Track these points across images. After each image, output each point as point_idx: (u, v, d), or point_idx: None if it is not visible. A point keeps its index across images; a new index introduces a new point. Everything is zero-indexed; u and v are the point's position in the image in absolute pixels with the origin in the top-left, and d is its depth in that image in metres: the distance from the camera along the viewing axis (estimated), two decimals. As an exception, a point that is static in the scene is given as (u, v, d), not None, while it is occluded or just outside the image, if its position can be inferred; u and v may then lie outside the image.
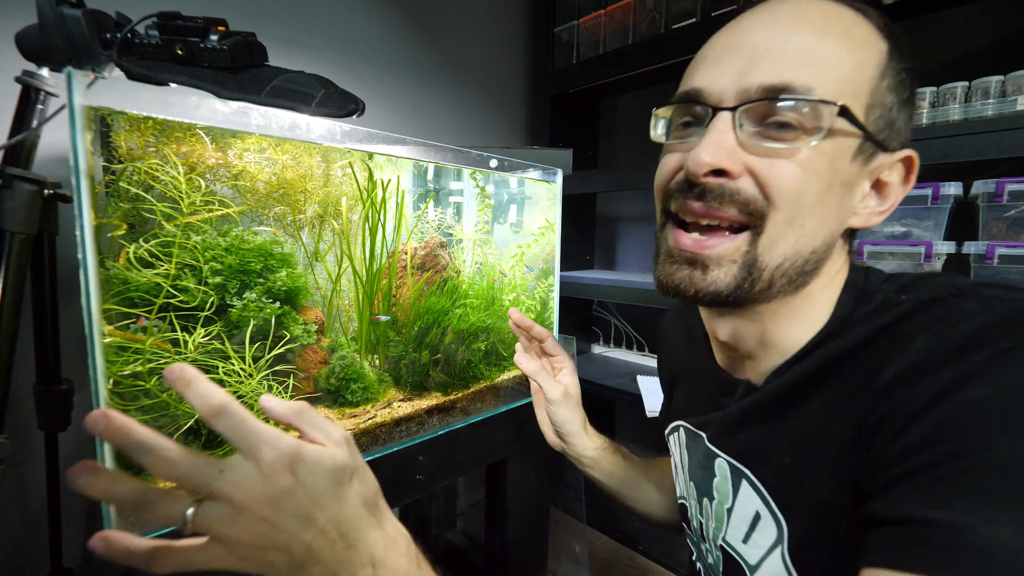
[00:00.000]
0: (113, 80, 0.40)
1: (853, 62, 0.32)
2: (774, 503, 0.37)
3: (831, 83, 0.32)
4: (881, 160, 0.35)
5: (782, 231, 0.33)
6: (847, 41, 0.33)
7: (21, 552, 0.80)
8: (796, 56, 0.32)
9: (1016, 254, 0.75)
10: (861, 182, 0.35)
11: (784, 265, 0.34)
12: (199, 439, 0.50)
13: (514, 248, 0.86)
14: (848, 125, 0.32)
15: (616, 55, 1.34)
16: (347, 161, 0.63)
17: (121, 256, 0.45)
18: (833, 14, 0.33)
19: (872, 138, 0.33)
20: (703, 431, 0.45)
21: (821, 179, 0.33)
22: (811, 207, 0.33)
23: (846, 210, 0.35)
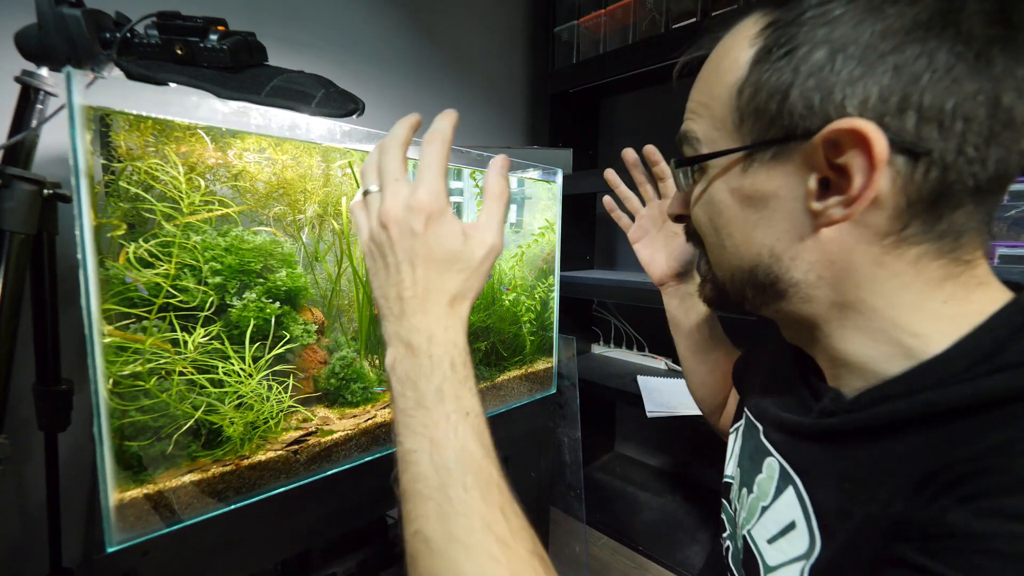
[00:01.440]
0: (113, 80, 0.40)
1: (714, 92, 0.35)
2: (816, 521, 0.35)
3: (698, 120, 0.37)
4: (804, 149, 0.31)
5: (715, 255, 0.39)
6: (711, 79, 0.36)
7: (21, 552, 0.80)
8: (689, 106, 0.38)
9: (1016, 254, 0.75)
10: (789, 183, 0.32)
11: (735, 279, 0.38)
12: (199, 439, 0.50)
13: (514, 248, 0.86)
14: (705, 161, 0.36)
15: (616, 55, 1.34)
16: (347, 161, 0.62)
17: (121, 256, 0.45)
18: (715, 56, 0.36)
19: (759, 144, 0.33)
20: (760, 423, 0.44)
21: (716, 207, 0.37)
22: (721, 231, 0.37)
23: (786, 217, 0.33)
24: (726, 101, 0.34)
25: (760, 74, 0.32)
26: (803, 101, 0.30)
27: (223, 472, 0.50)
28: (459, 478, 0.31)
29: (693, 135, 0.37)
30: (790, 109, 0.31)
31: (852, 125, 0.28)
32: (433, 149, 0.38)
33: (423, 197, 0.36)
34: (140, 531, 0.44)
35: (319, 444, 0.57)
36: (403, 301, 0.36)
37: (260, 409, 0.53)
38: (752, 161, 0.34)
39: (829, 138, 0.29)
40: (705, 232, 0.39)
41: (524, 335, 0.86)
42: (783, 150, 0.32)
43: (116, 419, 0.43)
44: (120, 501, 0.43)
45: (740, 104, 0.33)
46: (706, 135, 0.36)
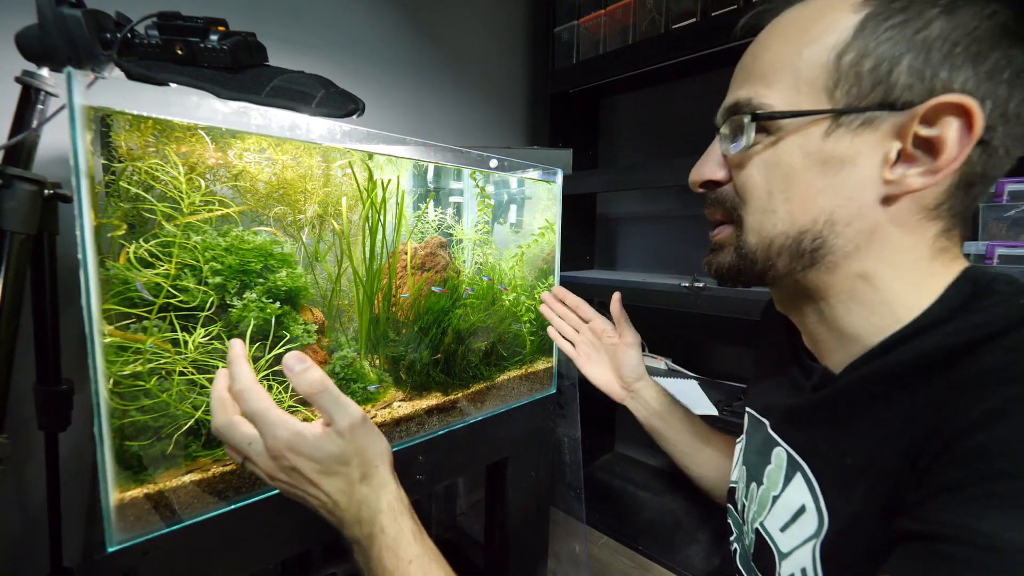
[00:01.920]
0: (113, 80, 0.40)
1: (798, 57, 0.35)
2: (823, 500, 0.37)
3: (772, 87, 0.36)
4: (895, 119, 0.33)
5: (757, 219, 0.38)
6: (799, 39, 0.35)
7: (21, 552, 0.80)
8: (748, 74, 0.38)
9: (1016, 254, 0.75)
10: (870, 150, 0.33)
11: (773, 245, 0.38)
12: (199, 439, 0.50)
13: (514, 248, 0.86)
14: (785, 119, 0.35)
15: (616, 55, 1.34)
16: (347, 161, 0.63)
17: (121, 256, 0.45)
18: (803, 16, 0.36)
19: (848, 111, 0.33)
20: (767, 418, 0.46)
21: (778, 169, 0.36)
22: (778, 194, 0.36)
23: (850, 183, 0.34)
24: (821, 63, 0.34)
25: (868, 40, 0.33)
26: (911, 73, 0.32)
27: (223, 472, 0.50)
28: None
29: (760, 100, 0.36)
30: (895, 79, 0.32)
31: (960, 100, 0.31)
32: (248, 403, 0.38)
33: (272, 444, 0.38)
34: (140, 531, 0.44)
35: (319, 444, 0.57)
36: (333, 513, 0.40)
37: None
38: (838, 126, 0.34)
39: (933, 110, 0.31)
40: (755, 195, 0.37)
41: (524, 335, 0.86)
42: (874, 117, 0.33)
43: (116, 419, 0.43)
44: (120, 501, 0.43)
45: (840, 66, 0.33)
46: (784, 96, 0.35)
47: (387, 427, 0.63)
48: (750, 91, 0.37)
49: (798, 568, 0.38)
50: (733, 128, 0.38)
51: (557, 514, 1.14)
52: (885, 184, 0.34)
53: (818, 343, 0.41)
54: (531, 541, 0.87)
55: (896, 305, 0.35)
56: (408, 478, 0.65)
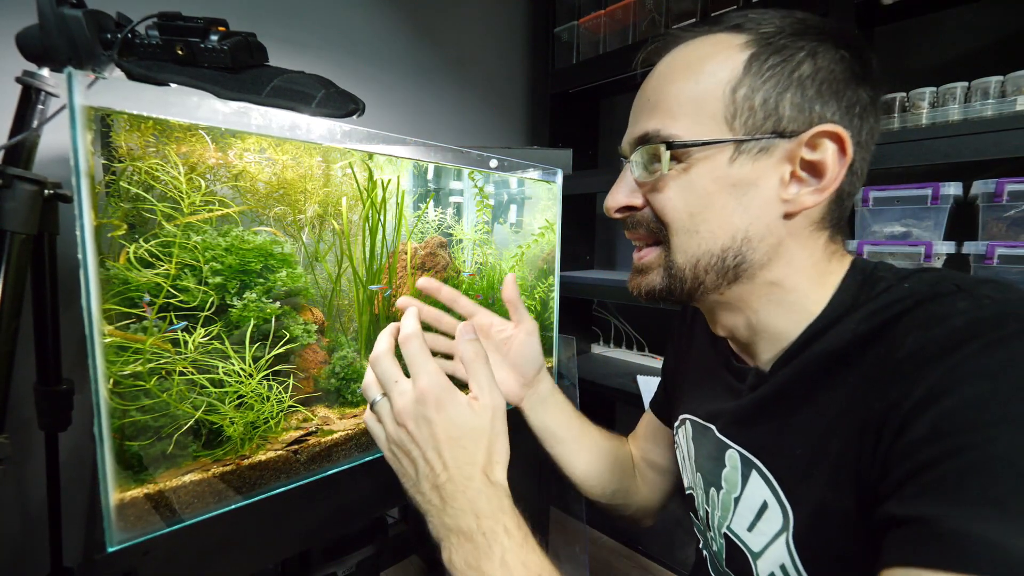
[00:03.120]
0: (113, 80, 0.40)
1: (697, 91, 0.38)
2: (782, 493, 0.39)
3: (677, 119, 0.39)
4: (786, 146, 0.37)
5: (682, 239, 0.40)
6: (694, 74, 0.39)
7: (21, 552, 0.80)
8: (653, 106, 0.41)
9: (1016, 254, 0.75)
10: (768, 173, 0.38)
11: (700, 264, 0.40)
12: (200, 439, 0.50)
13: (514, 248, 0.86)
14: (691, 147, 0.38)
15: (616, 55, 1.34)
16: (347, 161, 0.63)
17: (121, 256, 0.45)
18: (695, 53, 0.40)
19: (747, 139, 0.37)
20: (712, 423, 0.47)
21: (694, 193, 0.39)
22: (698, 215, 0.39)
23: (757, 203, 0.38)
24: (719, 97, 0.38)
25: (757, 76, 0.37)
26: (794, 107, 0.37)
27: (223, 472, 0.50)
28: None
29: (668, 131, 0.39)
30: (782, 112, 0.37)
31: (835, 129, 0.37)
32: (412, 346, 0.40)
33: (425, 385, 0.38)
34: (140, 531, 0.44)
35: (319, 444, 0.57)
36: (440, 489, 0.37)
37: (260, 409, 0.53)
38: (740, 153, 0.38)
39: (815, 136, 0.37)
40: (675, 218, 0.40)
41: (524, 335, 0.86)
42: (769, 144, 0.38)
43: (116, 419, 0.43)
44: (120, 501, 0.43)
45: (735, 100, 0.37)
46: (689, 128, 0.39)
47: (387, 427, 0.63)
48: (658, 123, 0.40)
49: (776, 566, 0.39)
50: (645, 157, 0.41)
51: (557, 514, 1.14)
52: (783, 203, 0.38)
53: (748, 346, 0.44)
54: (531, 541, 0.87)
55: (807, 302, 0.40)
56: (408, 478, 0.65)
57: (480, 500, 0.36)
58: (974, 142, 0.75)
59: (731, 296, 0.41)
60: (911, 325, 0.33)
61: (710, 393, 0.50)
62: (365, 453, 0.60)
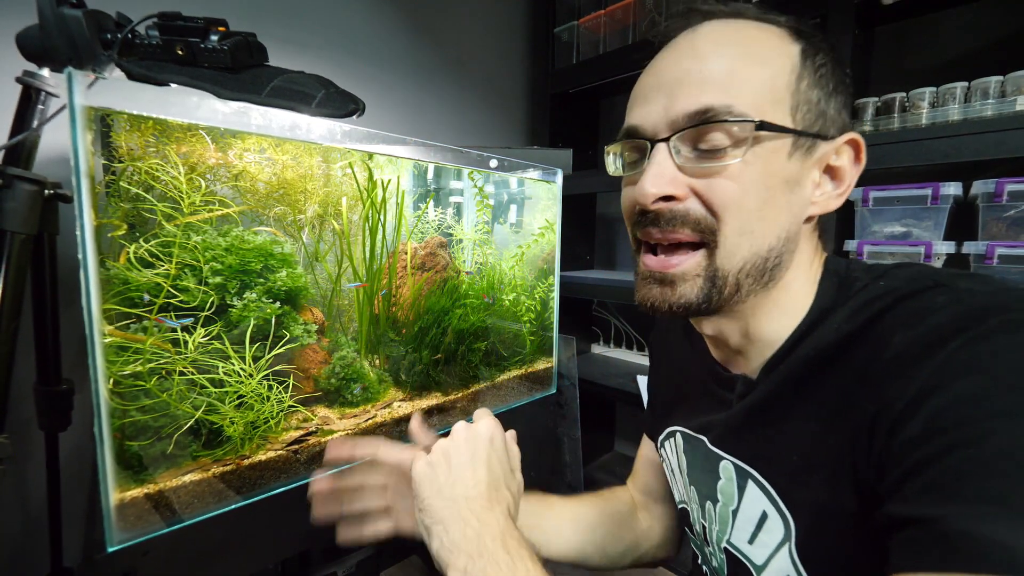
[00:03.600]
0: (113, 80, 0.40)
1: (767, 73, 0.35)
2: (781, 501, 0.38)
3: (747, 97, 0.34)
4: (824, 148, 0.37)
5: (736, 241, 0.36)
6: (758, 55, 0.36)
7: (21, 552, 0.80)
8: (712, 80, 0.35)
9: (1016, 254, 0.75)
10: (808, 174, 0.37)
11: (746, 268, 0.37)
12: (200, 439, 0.50)
13: (514, 248, 0.86)
14: (771, 132, 0.35)
15: (616, 55, 1.34)
16: (347, 161, 0.63)
17: (121, 256, 0.45)
18: (742, 33, 0.37)
19: (805, 133, 0.36)
20: (703, 435, 0.45)
21: (759, 185, 0.35)
22: (756, 212, 0.35)
23: (798, 202, 0.37)
24: (785, 83, 0.35)
25: (812, 72, 0.36)
26: (835, 109, 0.37)
27: (223, 472, 0.50)
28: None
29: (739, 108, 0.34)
30: (828, 112, 0.36)
31: (857, 137, 0.37)
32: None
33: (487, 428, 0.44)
34: (140, 531, 0.44)
35: (319, 444, 0.57)
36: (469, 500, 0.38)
37: (260, 409, 0.53)
38: (796, 147, 0.36)
39: (847, 143, 0.37)
40: (735, 213, 0.35)
41: (524, 335, 0.86)
42: (814, 144, 0.36)
43: (116, 419, 0.43)
44: (120, 501, 0.43)
45: (799, 90, 0.35)
46: (758, 109, 0.34)
47: (387, 427, 0.63)
48: (726, 97, 0.34)
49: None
50: (706, 137, 0.35)
51: (557, 514, 1.14)
52: (812, 205, 0.38)
53: (737, 354, 0.42)
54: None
55: (798, 305, 0.39)
56: (408, 478, 0.65)
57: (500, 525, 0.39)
58: (974, 142, 0.75)
59: (747, 304, 0.38)
60: (895, 323, 0.32)
61: (697, 404, 0.48)
62: (365, 453, 0.60)
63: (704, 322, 0.43)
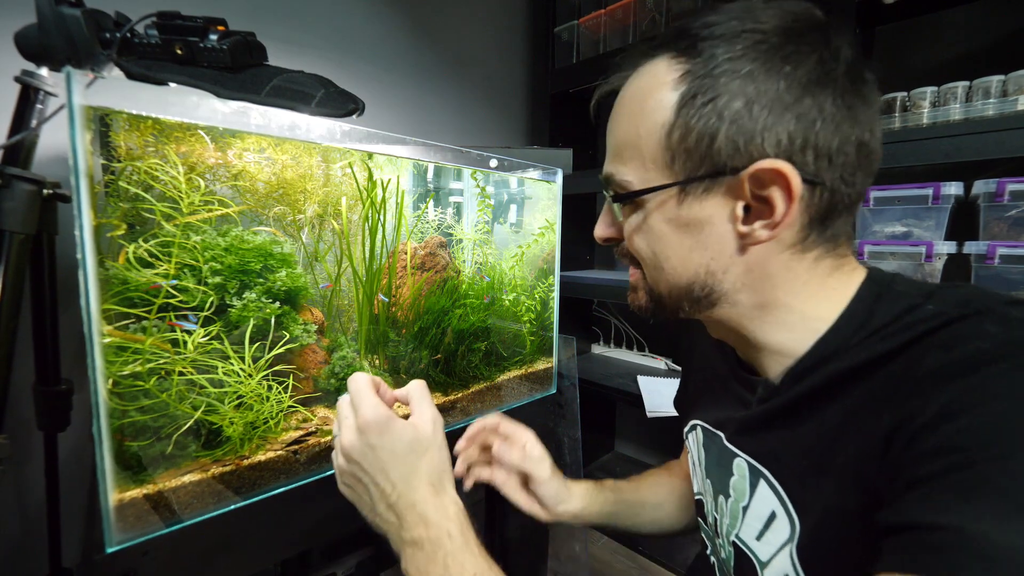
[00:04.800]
0: (112, 80, 0.40)
1: (642, 132, 0.38)
2: (790, 503, 0.38)
3: (628, 163, 0.39)
4: (729, 183, 0.36)
5: (652, 275, 0.41)
6: (636, 118, 0.38)
7: (20, 552, 0.80)
8: (610, 149, 0.41)
9: (1017, 254, 0.75)
10: (719, 211, 0.37)
11: (672, 294, 0.41)
12: (199, 439, 0.50)
13: (514, 248, 0.86)
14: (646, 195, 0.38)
15: (616, 55, 1.34)
16: (347, 161, 0.62)
17: (121, 256, 0.45)
18: (635, 90, 0.39)
19: (690, 180, 0.37)
20: (721, 431, 0.46)
21: (653, 234, 0.40)
22: (659, 257, 0.40)
23: (715, 240, 0.38)
24: (656, 141, 0.37)
25: (687, 118, 0.36)
26: (729, 144, 0.35)
27: (223, 472, 0.50)
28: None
29: (620, 177, 0.40)
30: (718, 150, 0.35)
31: (774, 166, 0.34)
32: (355, 383, 0.43)
33: (365, 415, 0.40)
34: (140, 531, 0.44)
35: (319, 444, 0.57)
36: (394, 508, 0.40)
37: (260, 409, 0.53)
38: (686, 195, 0.37)
39: (754, 175, 0.35)
40: (644, 257, 0.41)
41: (524, 335, 0.85)
42: (713, 184, 0.36)
43: (116, 419, 0.43)
44: (120, 501, 0.43)
45: (671, 144, 0.37)
46: (637, 173, 0.39)
47: (387, 427, 0.63)
48: (612, 168, 0.40)
49: (780, 575, 0.39)
50: (609, 198, 0.42)
51: (557, 514, 1.14)
52: (740, 237, 0.37)
53: (753, 360, 0.44)
54: (531, 541, 0.87)
55: (809, 319, 0.39)
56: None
57: (428, 510, 0.39)
58: (975, 142, 0.75)
59: (719, 316, 0.41)
60: (932, 345, 0.32)
61: (719, 400, 0.49)
62: (365, 453, 0.60)
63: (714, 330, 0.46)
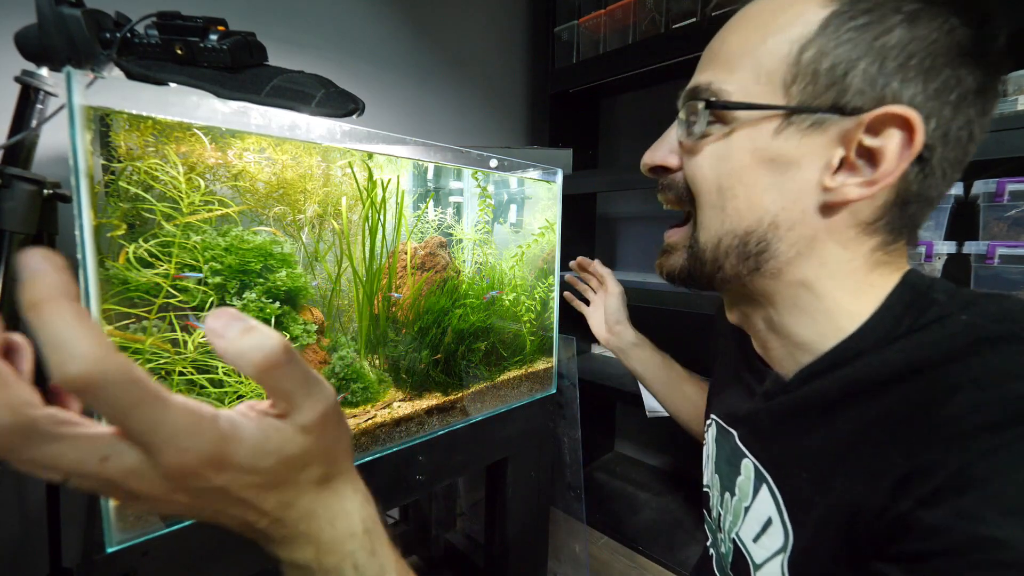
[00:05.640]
0: (113, 80, 0.40)
1: (765, 45, 0.33)
2: (787, 514, 0.37)
3: (735, 73, 0.34)
4: (844, 125, 0.32)
5: (708, 214, 0.37)
6: (765, 27, 0.34)
7: (20, 552, 0.80)
8: (713, 57, 0.36)
9: (1017, 254, 0.75)
10: (816, 153, 0.33)
11: (721, 245, 0.36)
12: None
13: (514, 248, 0.86)
14: (747, 111, 0.34)
15: (616, 55, 1.34)
16: (347, 161, 0.62)
17: (121, 256, 0.45)
18: (772, 4, 0.35)
19: (800, 109, 0.32)
20: (734, 429, 0.46)
21: (729, 163, 0.35)
22: (728, 190, 0.35)
23: (793, 186, 0.34)
24: (784, 55, 0.33)
25: (830, 38, 0.32)
26: (864, 80, 0.31)
27: (223, 472, 0.50)
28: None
29: (719, 85, 0.35)
30: (849, 83, 0.31)
31: (906, 112, 0.30)
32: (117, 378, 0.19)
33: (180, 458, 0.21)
34: (140, 531, 0.44)
35: (319, 444, 0.56)
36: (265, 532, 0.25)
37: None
38: (788, 124, 0.33)
39: (877, 119, 0.31)
40: (704, 189, 0.36)
41: (524, 335, 0.85)
42: (824, 119, 0.32)
43: (116, 419, 0.43)
44: (120, 501, 0.43)
45: (799, 62, 0.32)
46: (742, 85, 0.34)
47: (387, 427, 0.63)
48: (711, 75, 0.35)
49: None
50: (689, 113, 0.36)
51: (557, 514, 1.14)
52: (824, 191, 0.33)
53: (768, 349, 0.41)
54: (531, 541, 0.87)
55: (837, 314, 0.35)
56: (408, 478, 0.65)
57: (322, 529, 0.25)
58: (975, 142, 0.75)
59: (753, 288, 0.38)
60: (963, 377, 0.28)
61: (731, 392, 0.48)
62: (365, 453, 0.60)
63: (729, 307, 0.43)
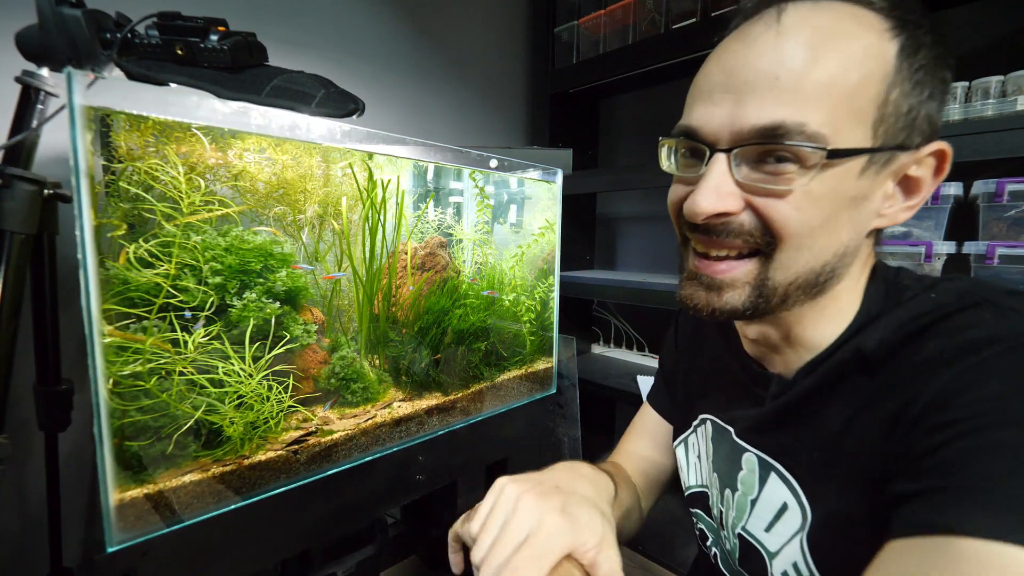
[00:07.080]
0: (113, 80, 0.40)
1: (851, 82, 0.31)
2: (803, 493, 0.39)
3: (824, 113, 0.31)
4: (903, 160, 0.34)
5: (791, 255, 0.34)
6: (846, 57, 0.31)
7: (21, 552, 0.80)
8: (787, 89, 0.31)
9: (1016, 254, 0.75)
10: (880, 187, 0.34)
11: (798, 280, 0.35)
12: (199, 439, 0.50)
13: (514, 248, 0.86)
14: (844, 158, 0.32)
15: (616, 55, 1.34)
16: (347, 161, 0.63)
17: (121, 256, 0.45)
18: (830, 25, 0.31)
19: (883, 149, 0.32)
20: (731, 426, 0.46)
21: (822, 207, 0.33)
22: (817, 231, 0.33)
23: (862, 218, 0.35)
24: (870, 96, 0.31)
25: (907, 79, 0.31)
26: (929, 117, 0.33)
27: (223, 472, 0.50)
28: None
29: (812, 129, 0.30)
30: (919, 122, 0.33)
31: (944, 147, 0.34)
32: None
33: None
34: (140, 531, 0.44)
35: (319, 444, 0.57)
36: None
37: (260, 409, 0.53)
38: (871, 163, 0.32)
39: (933, 154, 0.34)
40: (792, 232, 0.33)
41: (524, 335, 0.86)
42: (894, 156, 0.33)
43: (116, 419, 0.43)
44: (120, 501, 0.43)
45: (887, 103, 0.31)
46: (835, 128, 0.31)
47: (387, 427, 0.63)
48: (799, 114, 0.30)
49: (789, 564, 0.39)
50: (771, 155, 0.32)
51: (557, 514, 1.14)
52: (879, 217, 0.35)
53: (775, 353, 0.43)
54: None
55: (845, 312, 0.39)
56: (408, 478, 0.65)
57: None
58: (974, 142, 0.75)
59: (793, 312, 0.38)
60: (933, 333, 0.33)
61: (729, 396, 0.49)
62: (365, 453, 0.60)
63: (747, 325, 0.44)
